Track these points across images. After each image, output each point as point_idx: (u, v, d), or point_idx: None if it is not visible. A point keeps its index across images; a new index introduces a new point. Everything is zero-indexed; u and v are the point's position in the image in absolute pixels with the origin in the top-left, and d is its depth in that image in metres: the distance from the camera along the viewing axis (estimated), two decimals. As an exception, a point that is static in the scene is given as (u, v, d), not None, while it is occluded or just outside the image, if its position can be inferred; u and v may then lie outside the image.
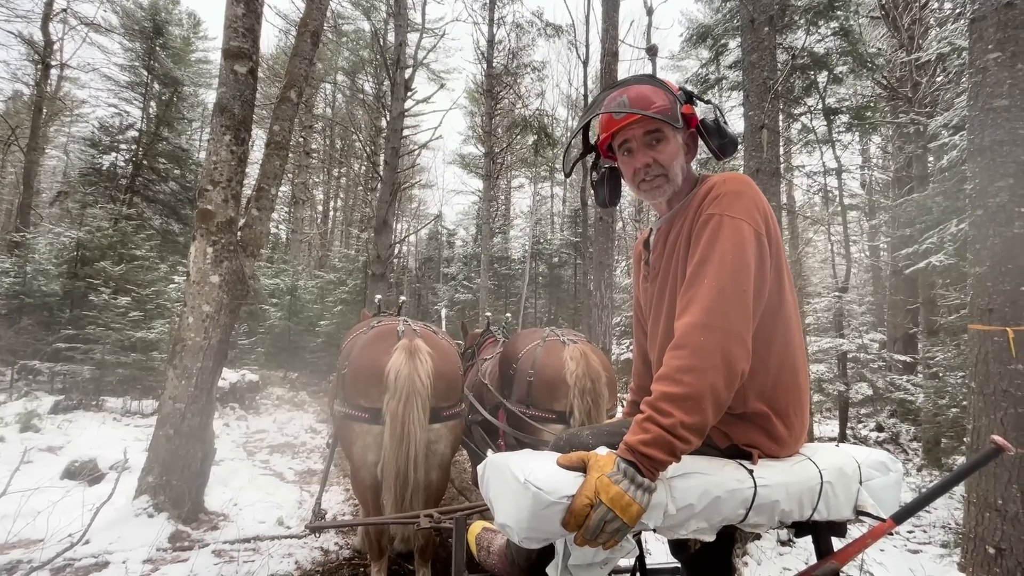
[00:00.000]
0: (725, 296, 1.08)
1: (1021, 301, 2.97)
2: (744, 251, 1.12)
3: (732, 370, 1.04)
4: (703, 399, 1.01)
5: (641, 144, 1.30)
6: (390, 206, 9.41)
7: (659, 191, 1.32)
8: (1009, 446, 1.11)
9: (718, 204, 1.18)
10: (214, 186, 3.70)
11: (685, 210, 1.29)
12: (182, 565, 2.86)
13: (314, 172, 21.25)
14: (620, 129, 1.30)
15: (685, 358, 1.04)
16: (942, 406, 5.43)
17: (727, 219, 1.15)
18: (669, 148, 1.29)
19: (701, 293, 1.10)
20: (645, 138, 1.29)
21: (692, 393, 1.01)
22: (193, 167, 11.12)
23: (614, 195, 1.52)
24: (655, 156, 1.29)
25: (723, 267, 1.11)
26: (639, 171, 1.31)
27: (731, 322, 1.06)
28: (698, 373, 1.02)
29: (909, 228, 7.20)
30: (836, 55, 7.72)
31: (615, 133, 1.32)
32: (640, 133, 1.29)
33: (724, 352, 1.04)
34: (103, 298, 6.58)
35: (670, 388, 1.03)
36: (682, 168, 1.33)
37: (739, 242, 1.13)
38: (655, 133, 1.28)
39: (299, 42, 4.61)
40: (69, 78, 16.40)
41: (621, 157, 1.36)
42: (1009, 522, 2.90)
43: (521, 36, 14.83)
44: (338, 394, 2.58)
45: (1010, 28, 3.04)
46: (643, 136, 1.29)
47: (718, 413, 1.05)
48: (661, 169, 1.29)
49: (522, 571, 1.34)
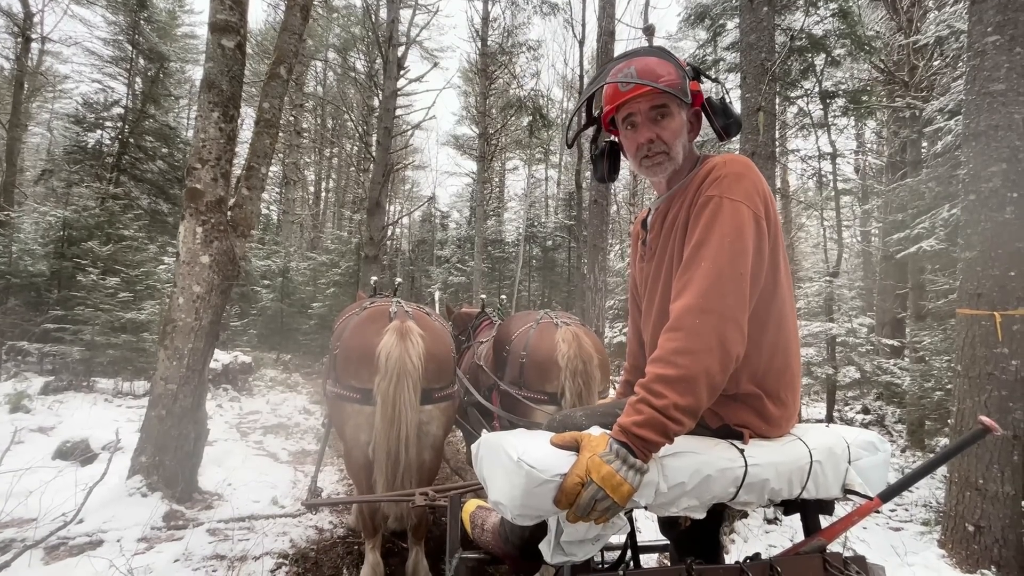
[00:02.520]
0: (722, 279, 1.07)
1: (1009, 286, 3.00)
2: (743, 234, 1.11)
3: (727, 353, 1.04)
4: (697, 381, 1.01)
5: (646, 119, 1.27)
6: (383, 187, 9.30)
7: (660, 168, 1.30)
8: (996, 426, 1.13)
9: (718, 186, 1.16)
10: (203, 164, 3.63)
11: (684, 190, 1.27)
12: (177, 543, 2.88)
13: (305, 152, 20.92)
14: (625, 102, 1.27)
15: (680, 340, 1.04)
16: (927, 389, 5.53)
17: (727, 201, 1.13)
18: (673, 124, 1.27)
19: (698, 275, 1.09)
20: (650, 113, 1.26)
21: (686, 375, 1.01)
22: (181, 145, 10.89)
23: (613, 170, 1.50)
24: (659, 132, 1.26)
25: (721, 250, 1.10)
26: (642, 146, 1.28)
27: (727, 305, 1.06)
28: (693, 355, 1.02)
29: (901, 213, 7.24)
30: (834, 37, 7.64)
31: (620, 106, 1.29)
32: (646, 107, 1.26)
33: (719, 335, 1.04)
34: (91, 279, 6.49)
35: (664, 370, 1.03)
36: (684, 146, 1.30)
37: (738, 225, 1.12)
38: (661, 108, 1.26)
39: (288, 16, 4.49)
40: (51, 52, 15.88)
41: (624, 131, 1.33)
42: (989, 501, 2.98)
43: (516, 14, 14.56)
44: (330, 374, 2.58)
45: (1010, 10, 3.01)
46: (648, 111, 1.26)
47: (712, 395, 1.05)
48: (664, 146, 1.27)
49: (515, 548, 1.36)
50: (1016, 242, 3.00)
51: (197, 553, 2.79)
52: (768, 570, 1.13)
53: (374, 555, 2.46)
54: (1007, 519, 2.95)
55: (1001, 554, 2.93)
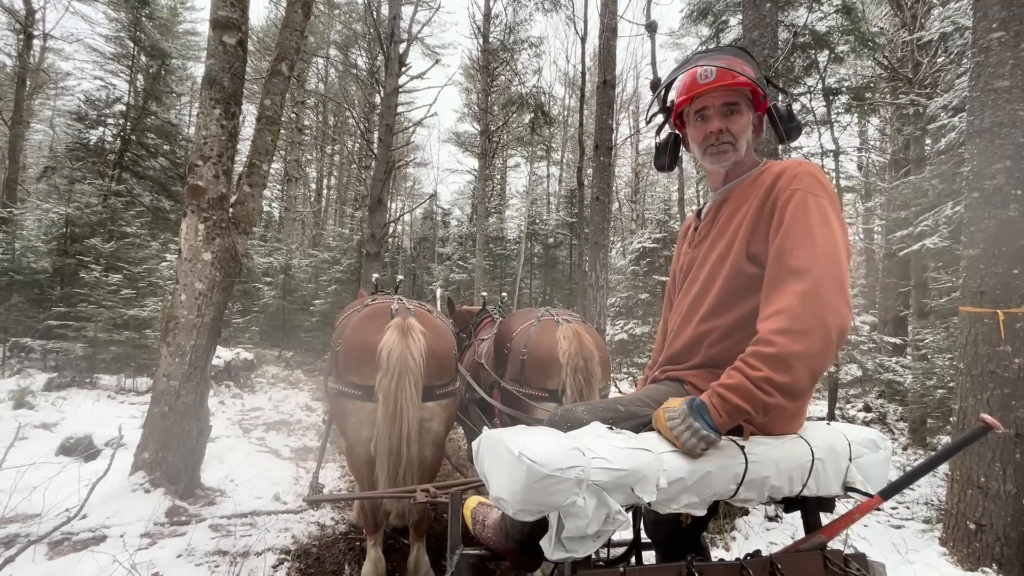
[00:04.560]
0: (819, 264, 1.12)
1: (1013, 283, 2.99)
2: (830, 223, 1.17)
3: (828, 334, 1.08)
4: (795, 361, 1.06)
5: (717, 112, 1.36)
6: (384, 184, 9.30)
7: (724, 156, 1.37)
8: (998, 424, 1.13)
9: (799, 181, 1.22)
10: (204, 161, 3.63)
11: (750, 185, 1.34)
12: (180, 539, 2.90)
13: (307, 149, 20.91)
14: (701, 94, 1.36)
15: (781, 322, 1.09)
16: (929, 387, 5.51)
17: (811, 196, 1.20)
18: (741, 120, 1.36)
19: (795, 264, 1.14)
20: (722, 108, 1.36)
21: (783, 353, 1.06)
22: (183, 143, 10.89)
23: (673, 161, 1.58)
24: (728, 125, 1.35)
25: (813, 238, 1.15)
26: (710, 135, 1.37)
27: (826, 289, 1.10)
28: (792, 335, 1.07)
29: (904, 211, 7.21)
30: (838, 33, 7.60)
31: (695, 97, 1.37)
32: (719, 102, 1.35)
33: (820, 318, 1.08)
34: (94, 275, 6.50)
35: (762, 348, 1.09)
36: (747, 142, 1.39)
37: (824, 216, 1.18)
38: (732, 105, 1.35)
39: (290, 13, 4.48)
40: (53, 49, 15.90)
41: (694, 122, 1.41)
42: (991, 499, 2.98)
43: (518, 10, 14.47)
44: (332, 371, 2.59)
45: (1015, 6, 2.99)
46: (721, 106, 1.35)
47: (814, 377, 1.09)
48: (731, 137, 1.36)
49: (516, 544, 1.36)
50: (1020, 239, 2.99)
51: (200, 549, 2.81)
52: (768, 567, 1.13)
53: (376, 551, 2.47)
54: (1008, 517, 2.95)
55: (1002, 552, 2.93)
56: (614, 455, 1.03)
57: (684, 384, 1.35)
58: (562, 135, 22.14)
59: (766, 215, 1.25)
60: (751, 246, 1.27)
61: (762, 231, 1.25)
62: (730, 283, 1.30)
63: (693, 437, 1.08)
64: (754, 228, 1.27)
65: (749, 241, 1.27)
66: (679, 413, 1.11)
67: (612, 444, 1.07)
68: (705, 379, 1.28)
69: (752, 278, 1.25)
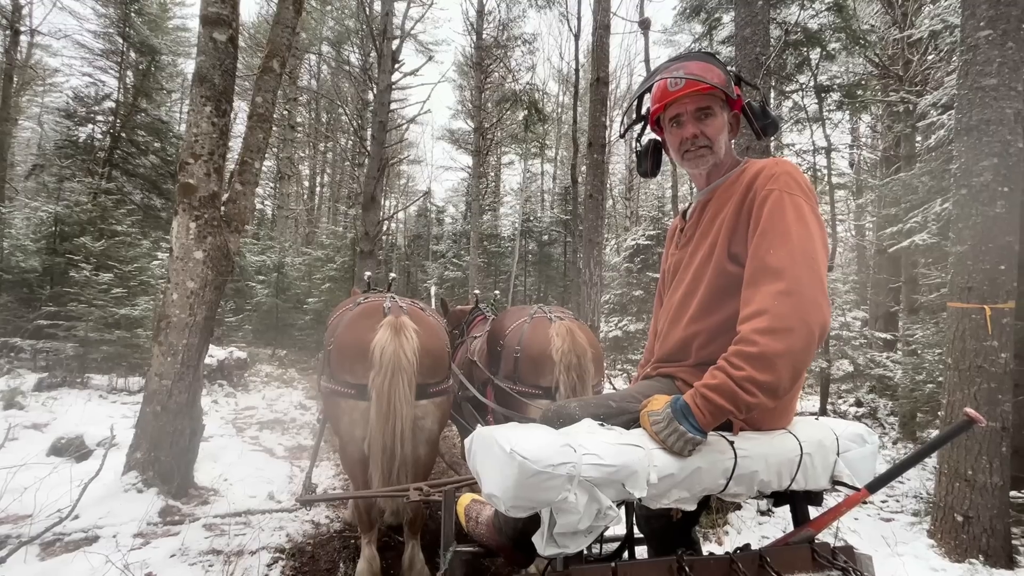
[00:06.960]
0: (796, 263, 1.13)
1: (999, 279, 3.03)
2: (806, 222, 1.19)
3: (811, 332, 1.09)
4: (778, 359, 1.06)
5: (691, 117, 1.38)
6: (378, 182, 9.25)
7: (702, 160, 1.40)
8: (980, 418, 1.15)
9: (775, 182, 1.23)
10: (195, 159, 3.60)
11: (731, 185, 1.35)
12: (173, 539, 2.89)
13: (299, 146, 20.78)
14: (673, 101, 1.38)
15: (764, 321, 1.10)
16: (919, 382, 5.58)
17: (787, 195, 1.21)
18: (716, 123, 1.38)
19: (773, 262, 1.15)
20: (695, 113, 1.37)
21: (766, 352, 1.07)
22: (174, 140, 10.76)
23: (655, 167, 1.60)
24: (703, 129, 1.37)
25: (789, 236, 1.16)
26: (686, 140, 1.39)
27: (806, 286, 1.11)
28: (774, 335, 1.08)
29: (894, 207, 7.27)
30: (829, 31, 7.64)
31: (668, 105, 1.40)
32: (692, 108, 1.37)
33: (801, 315, 1.09)
34: (84, 274, 6.44)
35: (745, 347, 1.10)
36: (725, 143, 1.41)
37: (800, 215, 1.19)
38: (705, 109, 1.37)
39: (281, 9, 4.45)
40: (40, 45, 15.68)
41: (670, 129, 1.43)
42: (978, 491, 3.03)
43: (512, 6, 14.48)
44: (325, 370, 2.58)
45: (1002, 5, 3.02)
46: (694, 111, 1.37)
47: (796, 375, 1.10)
48: (707, 141, 1.38)
49: (509, 540, 1.37)
50: (1006, 236, 3.03)
51: (193, 548, 2.80)
52: (758, 560, 1.15)
53: (370, 549, 2.47)
54: (995, 509, 3.00)
55: (989, 544, 2.98)
56: (605, 451, 1.04)
57: (675, 380, 1.37)
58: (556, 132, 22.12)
59: (745, 215, 1.27)
60: (732, 246, 1.28)
61: (742, 231, 1.26)
62: (715, 284, 1.31)
63: (679, 440, 1.09)
64: (734, 228, 1.28)
65: (730, 242, 1.29)
66: (663, 416, 1.12)
67: (603, 440, 1.08)
68: (697, 376, 1.29)
69: (735, 278, 1.26)
